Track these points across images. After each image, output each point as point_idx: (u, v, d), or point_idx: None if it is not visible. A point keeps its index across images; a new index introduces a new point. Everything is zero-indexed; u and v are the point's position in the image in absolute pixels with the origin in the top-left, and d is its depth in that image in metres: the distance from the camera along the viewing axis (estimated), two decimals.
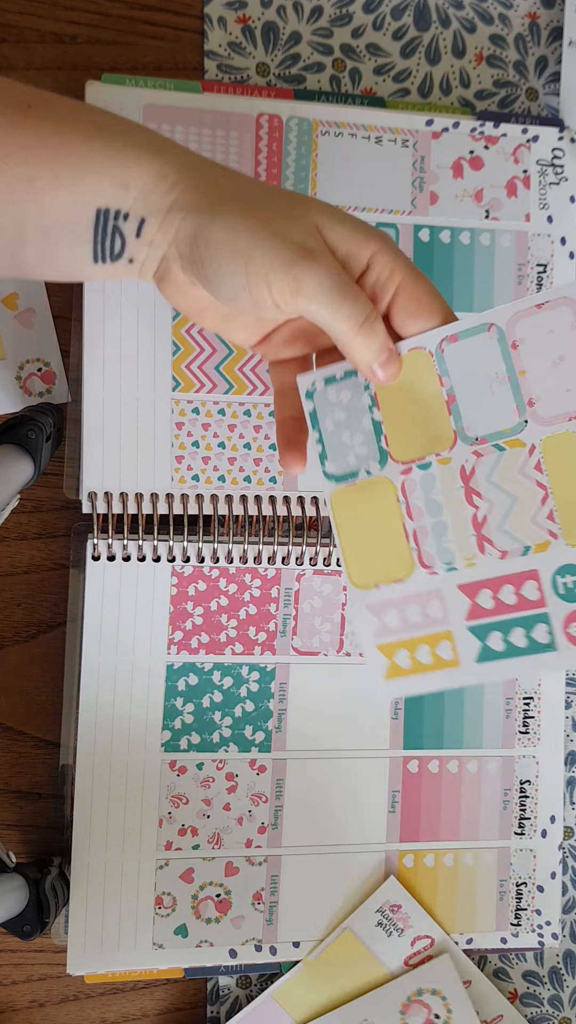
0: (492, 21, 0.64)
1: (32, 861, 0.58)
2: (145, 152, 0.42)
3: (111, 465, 0.56)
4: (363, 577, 0.47)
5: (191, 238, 0.42)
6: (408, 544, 0.45)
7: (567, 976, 0.65)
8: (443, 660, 0.45)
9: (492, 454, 0.43)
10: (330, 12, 0.62)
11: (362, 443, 0.46)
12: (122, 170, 0.42)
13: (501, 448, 0.43)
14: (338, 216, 0.43)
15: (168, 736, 0.58)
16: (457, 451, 0.44)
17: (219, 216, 0.42)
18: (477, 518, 0.44)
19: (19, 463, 0.53)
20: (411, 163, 0.60)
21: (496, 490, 0.43)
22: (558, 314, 0.42)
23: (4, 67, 0.58)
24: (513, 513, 0.43)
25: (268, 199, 0.43)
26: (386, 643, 0.46)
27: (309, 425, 0.48)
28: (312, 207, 0.43)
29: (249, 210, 0.42)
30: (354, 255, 0.43)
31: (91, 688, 0.57)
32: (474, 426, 0.44)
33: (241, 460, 0.58)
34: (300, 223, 0.42)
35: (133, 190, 0.42)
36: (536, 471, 0.43)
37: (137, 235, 0.43)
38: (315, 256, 0.41)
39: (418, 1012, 0.61)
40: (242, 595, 0.59)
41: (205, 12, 0.60)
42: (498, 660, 0.44)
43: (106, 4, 0.59)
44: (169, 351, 0.57)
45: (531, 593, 0.43)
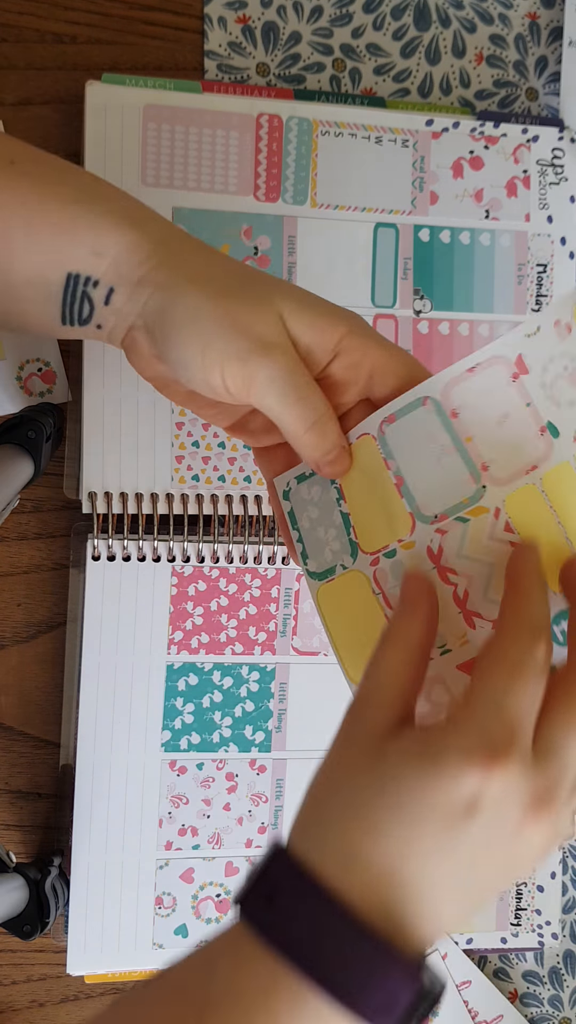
0: (492, 21, 0.64)
1: (32, 861, 0.58)
2: (122, 221, 0.42)
3: (111, 465, 0.56)
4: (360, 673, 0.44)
5: (157, 314, 0.42)
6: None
7: (567, 976, 0.65)
8: None
9: (456, 528, 0.41)
10: (330, 12, 0.62)
11: (335, 537, 0.46)
12: (97, 237, 0.42)
13: (464, 519, 0.41)
14: (305, 303, 0.43)
15: (168, 736, 0.58)
16: (418, 533, 0.42)
17: (184, 297, 0.41)
18: (458, 595, 0.42)
19: (19, 463, 0.53)
20: (411, 163, 0.60)
21: (470, 562, 0.41)
22: (492, 373, 0.40)
23: (4, 67, 0.58)
24: (494, 580, 0.41)
25: (236, 284, 0.42)
26: None
27: (289, 525, 0.47)
28: (278, 294, 0.42)
29: (215, 294, 0.41)
30: (319, 344, 0.42)
31: (91, 688, 0.57)
32: (430, 504, 0.42)
33: (241, 460, 0.58)
34: (264, 313, 0.41)
35: (106, 258, 0.42)
36: (507, 532, 0.41)
37: (106, 303, 0.43)
38: (271, 352, 0.41)
39: None
40: (242, 595, 0.59)
41: (205, 12, 0.60)
42: None
43: (106, 4, 0.59)
44: None
45: None
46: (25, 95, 0.58)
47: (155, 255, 0.42)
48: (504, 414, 0.40)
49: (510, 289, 0.62)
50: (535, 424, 0.40)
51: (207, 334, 0.41)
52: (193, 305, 0.41)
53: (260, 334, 0.41)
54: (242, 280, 0.43)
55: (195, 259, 0.43)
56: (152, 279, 0.42)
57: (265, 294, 0.42)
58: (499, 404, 0.40)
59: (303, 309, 0.42)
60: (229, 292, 0.42)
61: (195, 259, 0.43)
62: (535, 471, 0.40)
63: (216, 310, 0.41)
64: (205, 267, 0.42)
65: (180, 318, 0.42)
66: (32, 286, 0.43)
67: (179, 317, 0.42)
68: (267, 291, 0.42)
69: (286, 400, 0.41)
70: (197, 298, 0.41)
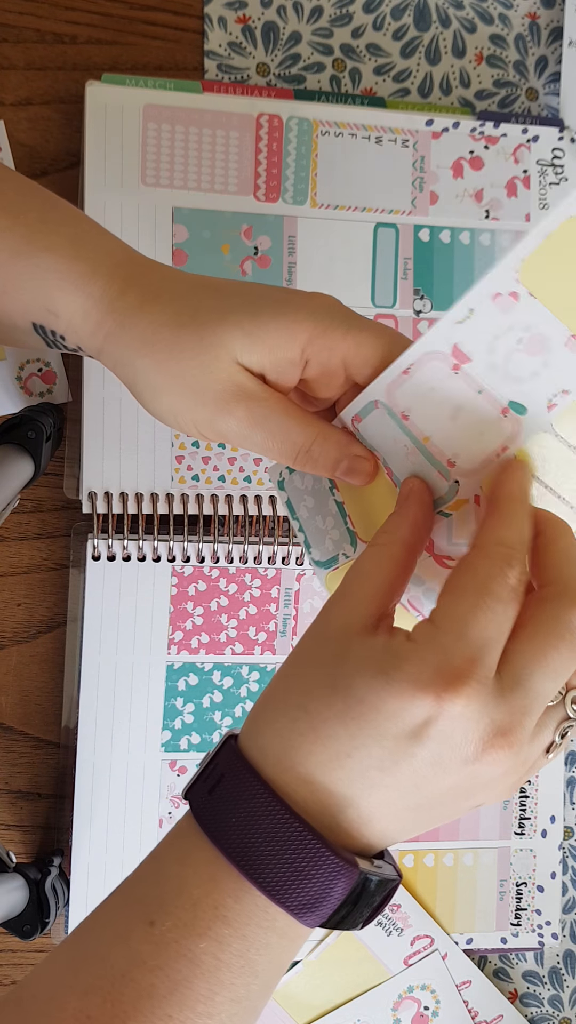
0: (492, 21, 0.64)
1: (32, 861, 0.58)
2: (66, 281, 0.41)
3: (111, 465, 0.56)
4: None
5: (123, 380, 0.43)
6: (410, 613, 0.43)
7: (567, 976, 0.65)
8: None
9: (441, 521, 0.40)
10: (330, 12, 0.62)
11: (333, 526, 0.45)
12: (47, 299, 0.42)
13: (447, 514, 0.40)
14: (256, 324, 0.40)
15: (168, 736, 0.58)
16: None
17: (141, 372, 0.41)
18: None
19: (19, 463, 0.53)
20: (411, 163, 0.60)
21: (462, 547, 0.41)
22: (429, 370, 0.38)
23: (4, 67, 0.58)
24: None
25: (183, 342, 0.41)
26: None
27: (289, 516, 0.47)
28: (224, 333, 0.40)
29: (166, 361, 0.41)
30: (285, 359, 0.41)
31: (91, 688, 0.57)
32: None
33: (241, 460, 0.58)
34: (215, 367, 0.40)
35: (62, 319, 0.42)
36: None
37: (82, 351, 0.43)
38: (234, 409, 0.40)
39: (408, 1007, 0.61)
40: (242, 595, 0.59)
41: (205, 12, 0.60)
42: None
43: (106, 4, 0.59)
44: None
45: None
46: (25, 95, 0.58)
47: (105, 322, 0.41)
48: (456, 407, 0.38)
49: None
50: (494, 408, 0.38)
51: (172, 407, 0.41)
52: (150, 380, 0.41)
53: (218, 393, 0.40)
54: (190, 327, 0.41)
55: (141, 320, 0.41)
56: (109, 352, 0.42)
57: (213, 339, 0.40)
58: (447, 399, 0.38)
59: (255, 336, 0.40)
60: (179, 353, 0.41)
61: (141, 320, 0.41)
62: (506, 451, 0.39)
63: (171, 380, 0.41)
64: (151, 328, 0.41)
65: (142, 391, 0.42)
66: (10, 327, 0.43)
67: (141, 390, 0.42)
68: (214, 333, 0.40)
69: (263, 447, 0.41)
70: (151, 371, 0.41)
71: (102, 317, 0.41)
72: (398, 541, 0.38)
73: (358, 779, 0.34)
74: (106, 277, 0.42)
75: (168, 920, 0.34)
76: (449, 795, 0.35)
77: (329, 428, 0.42)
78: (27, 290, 0.42)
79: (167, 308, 0.41)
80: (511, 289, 0.36)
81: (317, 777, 0.34)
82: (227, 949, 0.34)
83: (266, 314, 0.41)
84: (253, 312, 0.41)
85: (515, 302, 0.36)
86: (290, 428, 0.41)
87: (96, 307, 0.41)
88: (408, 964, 0.61)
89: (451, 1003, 0.62)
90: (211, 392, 0.41)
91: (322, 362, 0.41)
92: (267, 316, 0.41)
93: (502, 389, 0.38)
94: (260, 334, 0.40)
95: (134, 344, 0.41)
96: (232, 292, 0.42)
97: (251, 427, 0.41)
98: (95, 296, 0.41)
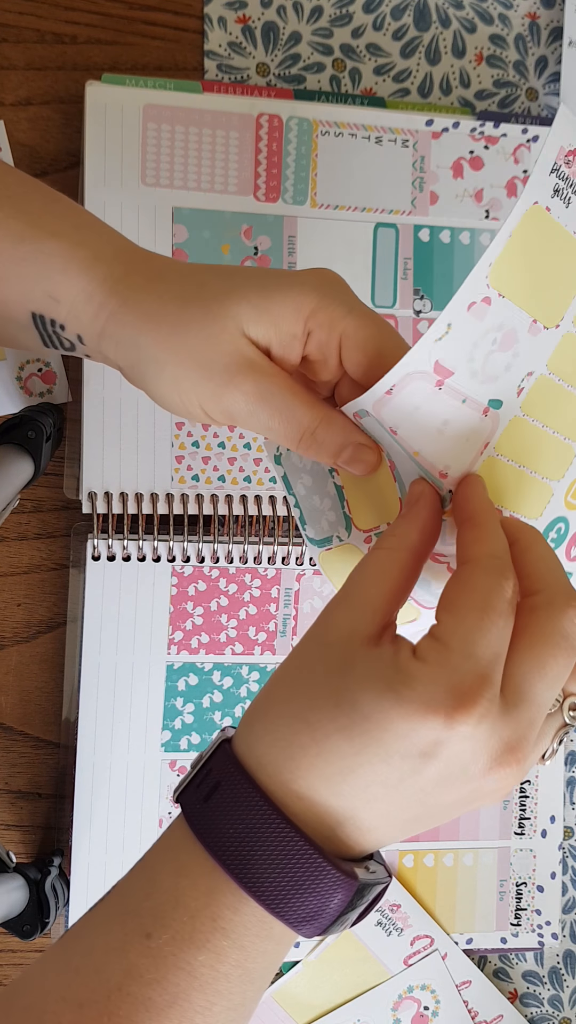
0: (492, 21, 0.64)
1: (32, 861, 0.58)
2: (71, 264, 0.41)
3: (111, 465, 0.56)
4: None
5: (125, 363, 0.42)
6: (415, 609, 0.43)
7: (567, 976, 0.65)
8: None
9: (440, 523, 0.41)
10: (330, 12, 0.62)
11: (330, 508, 0.45)
12: (49, 283, 0.41)
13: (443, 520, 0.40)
14: (264, 297, 0.40)
15: (168, 736, 0.58)
16: None
17: (145, 348, 0.41)
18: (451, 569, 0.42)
19: (19, 463, 0.53)
20: (411, 163, 0.60)
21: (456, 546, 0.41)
22: (413, 391, 0.38)
23: (4, 67, 0.58)
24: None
25: (191, 310, 0.40)
26: None
27: (284, 490, 0.46)
28: (232, 305, 0.40)
29: (171, 336, 0.40)
30: (290, 333, 0.40)
31: (91, 688, 0.57)
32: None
33: (241, 460, 0.58)
34: (221, 338, 0.40)
35: (63, 304, 0.41)
36: None
37: (81, 341, 0.43)
38: (240, 381, 0.40)
39: (408, 1007, 0.61)
40: (242, 595, 0.59)
41: (205, 12, 0.60)
42: None
43: (106, 4, 0.59)
44: None
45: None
46: (25, 95, 0.58)
47: (108, 303, 0.41)
48: (443, 421, 0.38)
49: None
50: (477, 412, 0.38)
51: (178, 382, 0.41)
52: (154, 356, 0.41)
53: (225, 365, 0.40)
54: (196, 301, 0.41)
55: (147, 296, 0.41)
56: (111, 333, 0.41)
57: (218, 313, 0.40)
58: (433, 415, 0.38)
59: (262, 308, 0.40)
60: (184, 324, 0.40)
61: (147, 296, 0.41)
62: (488, 447, 0.39)
63: (177, 354, 0.40)
64: (158, 303, 0.41)
65: (145, 370, 0.41)
66: (7, 320, 0.43)
67: (144, 369, 0.41)
68: (221, 305, 0.40)
69: (268, 425, 0.40)
70: (156, 347, 0.40)
71: (105, 298, 0.41)
72: (407, 548, 0.37)
73: (360, 794, 0.34)
74: (110, 260, 0.41)
75: (165, 933, 0.34)
76: (452, 807, 0.35)
77: (335, 413, 0.41)
78: (29, 276, 0.41)
79: (172, 286, 0.41)
80: (483, 295, 0.36)
81: (317, 790, 0.34)
82: (226, 960, 0.34)
83: (273, 287, 0.40)
84: (260, 286, 0.41)
85: (488, 307, 0.36)
86: (296, 407, 0.40)
87: (100, 288, 0.41)
88: (408, 964, 0.61)
89: (451, 1003, 0.62)
90: (218, 364, 0.40)
91: (321, 339, 0.40)
92: (274, 289, 0.40)
93: (482, 392, 0.38)
94: (267, 306, 0.40)
95: (138, 321, 0.41)
96: (237, 271, 0.42)
97: (258, 402, 0.40)
98: (98, 278, 0.41)
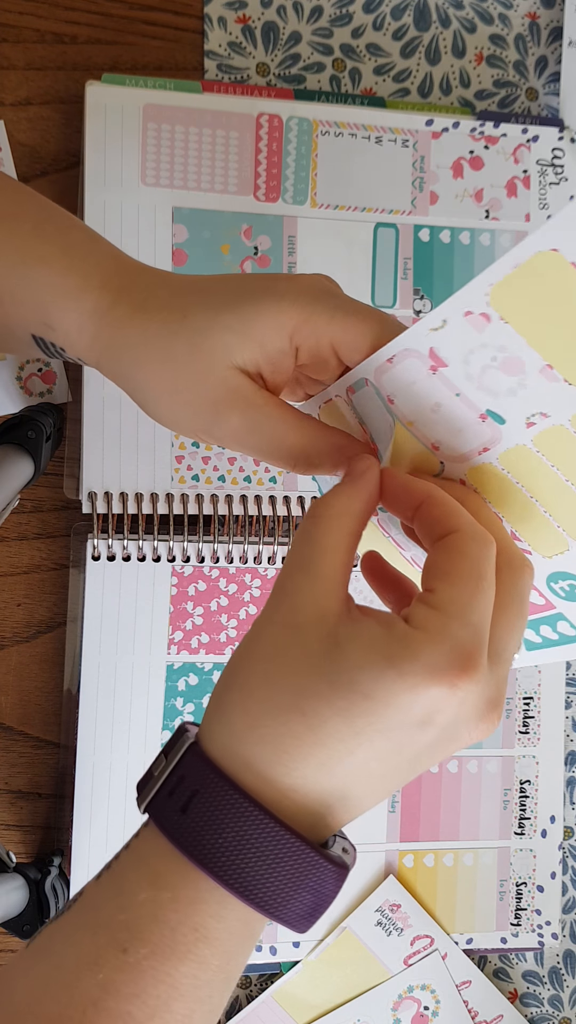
0: (492, 21, 0.64)
1: (32, 861, 0.58)
2: (59, 296, 0.41)
3: (111, 465, 0.56)
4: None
5: (124, 389, 0.43)
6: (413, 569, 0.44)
7: (567, 976, 0.65)
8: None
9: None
10: (330, 12, 0.62)
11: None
12: (43, 312, 0.42)
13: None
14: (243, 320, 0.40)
15: (168, 736, 0.58)
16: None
17: (138, 383, 0.41)
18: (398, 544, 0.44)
19: (19, 463, 0.53)
20: (411, 163, 0.60)
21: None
22: (410, 366, 0.38)
23: (4, 67, 0.58)
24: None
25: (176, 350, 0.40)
26: None
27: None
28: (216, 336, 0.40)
29: (160, 372, 0.40)
30: (277, 351, 0.40)
31: (91, 688, 0.57)
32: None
33: (241, 460, 0.58)
34: (209, 374, 0.40)
35: (59, 332, 0.42)
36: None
37: (82, 362, 0.43)
38: (228, 419, 0.40)
39: (408, 1007, 0.61)
40: (242, 595, 0.59)
41: (205, 12, 0.60)
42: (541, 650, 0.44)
43: (106, 4, 0.59)
44: None
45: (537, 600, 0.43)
46: (25, 95, 0.58)
47: (101, 335, 0.41)
48: (436, 403, 0.39)
49: None
50: (472, 412, 0.38)
51: (169, 411, 0.41)
52: (146, 391, 0.41)
53: (213, 402, 0.40)
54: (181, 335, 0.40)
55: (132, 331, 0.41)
56: (105, 364, 0.42)
57: (204, 344, 0.40)
58: (427, 394, 0.39)
59: (244, 333, 0.40)
60: (172, 363, 0.40)
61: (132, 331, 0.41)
62: (487, 452, 0.39)
63: (167, 391, 0.41)
64: (142, 337, 0.41)
65: (143, 400, 0.42)
66: (11, 338, 0.44)
67: (142, 399, 0.42)
68: (205, 339, 0.40)
69: (261, 453, 0.41)
70: (147, 383, 0.41)
71: (96, 331, 0.41)
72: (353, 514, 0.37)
73: (357, 771, 0.34)
74: (98, 289, 0.41)
75: (144, 948, 0.33)
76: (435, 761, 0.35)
77: (325, 432, 0.41)
78: (24, 303, 0.42)
79: (154, 317, 0.41)
80: (482, 310, 0.36)
81: (313, 778, 0.33)
82: (208, 968, 0.33)
83: (251, 311, 0.40)
84: (239, 308, 0.40)
85: (487, 323, 0.36)
86: (286, 434, 0.40)
87: (90, 321, 0.41)
88: (408, 964, 0.61)
89: (451, 1003, 0.62)
90: (207, 401, 0.40)
91: (310, 348, 0.40)
92: (252, 311, 0.40)
93: (479, 398, 0.38)
94: (248, 330, 0.40)
95: (128, 357, 0.41)
96: (218, 290, 0.41)
97: (247, 433, 0.40)
98: (87, 311, 0.41)
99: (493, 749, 0.62)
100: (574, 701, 0.65)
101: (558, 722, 0.63)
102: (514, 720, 0.63)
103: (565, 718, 0.64)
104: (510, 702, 0.63)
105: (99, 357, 0.42)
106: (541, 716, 0.63)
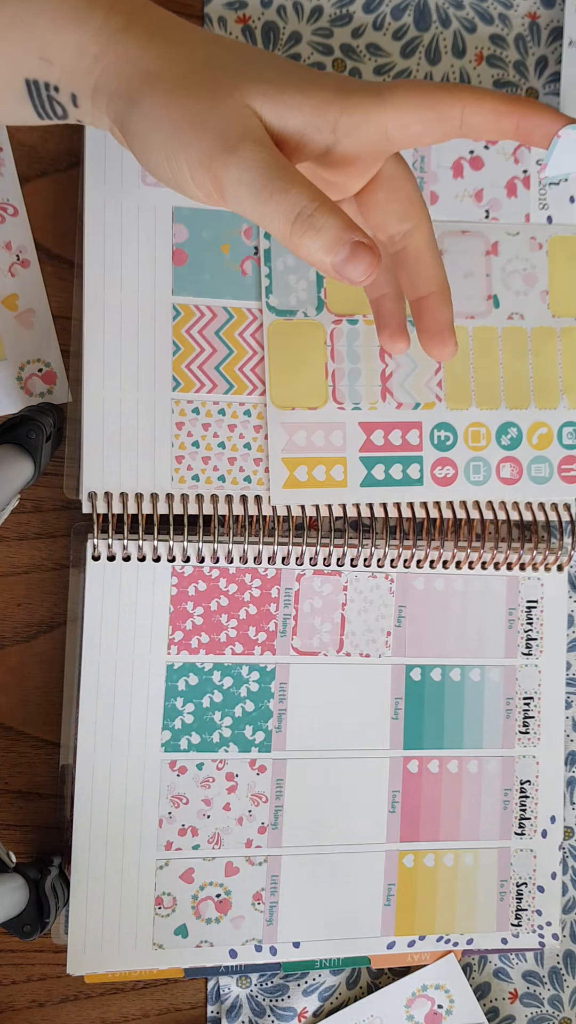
0: (492, 21, 0.64)
1: (32, 861, 0.58)
2: (60, 17, 0.38)
3: (111, 465, 0.56)
4: (283, 400, 0.56)
5: (120, 121, 0.39)
6: (326, 381, 0.55)
7: (567, 976, 0.65)
8: (334, 480, 0.56)
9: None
10: (330, 12, 0.62)
11: (304, 289, 0.56)
12: (40, 43, 0.38)
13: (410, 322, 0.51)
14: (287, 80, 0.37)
15: (168, 736, 0.58)
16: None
17: (138, 106, 0.38)
18: (385, 373, 0.57)
19: (19, 463, 0.53)
20: (411, 163, 0.60)
21: (404, 355, 0.56)
22: (474, 241, 0.55)
23: None
24: (412, 376, 0.57)
25: (196, 76, 0.37)
26: (290, 458, 0.57)
27: (262, 260, 0.54)
28: (248, 79, 0.37)
29: (169, 93, 0.37)
30: (314, 126, 0.37)
31: (91, 688, 0.57)
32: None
33: (241, 460, 0.58)
34: (226, 105, 0.37)
35: (56, 65, 0.39)
36: None
37: (75, 105, 0.40)
38: (237, 149, 0.36)
39: (422, 1005, 0.61)
40: (242, 595, 0.59)
41: (205, 12, 0.60)
42: (377, 487, 0.56)
43: None
44: (169, 351, 0.57)
45: (413, 439, 0.56)
46: None
47: (103, 56, 0.38)
48: (469, 271, 0.56)
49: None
50: (485, 290, 0.55)
51: (167, 141, 0.37)
52: (147, 112, 0.38)
53: (223, 131, 0.36)
54: (204, 69, 0.38)
55: (147, 53, 0.38)
56: (105, 86, 0.39)
57: (230, 83, 0.37)
58: (469, 263, 0.56)
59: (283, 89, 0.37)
60: (186, 87, 0.37)
61: (147, 53, 0.38)
62: (471, 320, 0.56)
63: (172, 112, 0.37)
64: (159, 62, 0.38)
65: (138, 127, 0.38)
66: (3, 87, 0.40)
67: (137, 126, 0.38)
68: (233, 78, 0.37)
69: (260, 198, 0.36)
70: (151, 103, 0.38)
71: (101, 50, 0.38)
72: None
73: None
74: (106, 9, 0.38)
75: None
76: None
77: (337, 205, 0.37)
78: (17, 41, 0.38)
79: (179, 49, 0.38)
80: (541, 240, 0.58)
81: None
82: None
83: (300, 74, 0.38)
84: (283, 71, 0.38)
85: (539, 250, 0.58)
86: (295, 181, 0.36)
87: (95, 40, 0.38)
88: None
89: (465, 1002, 0.62)
90: (217, 126, 0.37)
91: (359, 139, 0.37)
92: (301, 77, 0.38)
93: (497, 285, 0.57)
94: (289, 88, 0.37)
95: (135, 76, 0.38)
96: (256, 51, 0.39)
97: (252, 173, 0.36)
98: (93, 29, 0.38)
99: (493, 749, 0.62)
100: (574, 701, 0.65)
101: (558, 722, 0.63)
102: (514, 720, 0.63)
103: (565, 718, 0.64)
104: (510, 702, 0.63)
105: (97, 80, 0.39)
106: (541, 716, 0.63)
